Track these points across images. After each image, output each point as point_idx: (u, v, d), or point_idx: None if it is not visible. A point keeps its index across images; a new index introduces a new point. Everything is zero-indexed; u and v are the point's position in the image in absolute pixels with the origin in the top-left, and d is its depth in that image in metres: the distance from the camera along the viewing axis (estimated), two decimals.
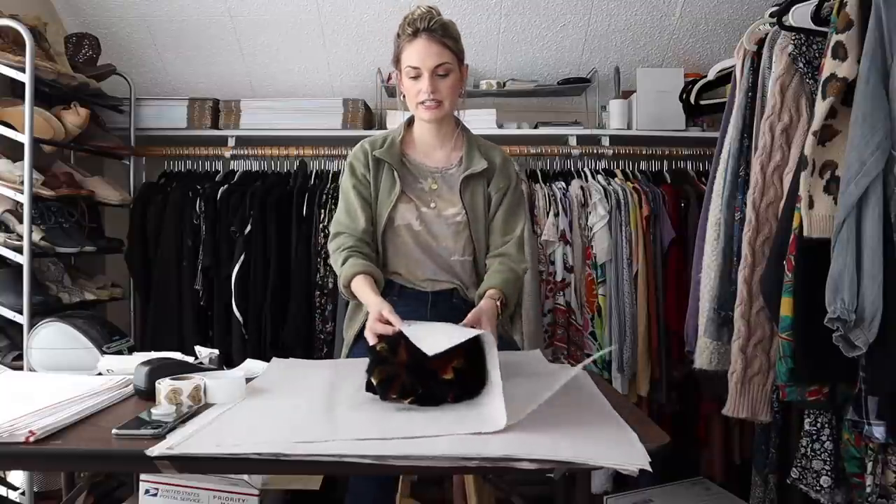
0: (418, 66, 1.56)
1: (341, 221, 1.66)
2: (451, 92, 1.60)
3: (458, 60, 1.60)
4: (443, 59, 1.56)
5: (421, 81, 1.57)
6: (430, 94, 1.57)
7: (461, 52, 1.61)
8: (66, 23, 2.79)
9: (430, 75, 1.56)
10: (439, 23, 1.57)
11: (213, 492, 1.85)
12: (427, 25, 1.55)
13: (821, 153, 1.48)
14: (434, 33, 1.55)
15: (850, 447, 1.50)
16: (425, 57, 1.55)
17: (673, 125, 2.71)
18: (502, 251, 1.65)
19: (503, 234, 1.66)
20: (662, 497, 2.23)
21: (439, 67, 1.56)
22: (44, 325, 1.54)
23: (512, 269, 1.61)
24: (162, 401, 1.10)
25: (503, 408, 1.00)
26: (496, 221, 1.67)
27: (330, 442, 0.95)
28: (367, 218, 1.64)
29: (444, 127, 1.68)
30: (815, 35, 1.67)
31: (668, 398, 2.53)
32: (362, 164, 1.67)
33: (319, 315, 2.54)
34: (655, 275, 2.52)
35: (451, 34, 1.59)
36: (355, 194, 1.66)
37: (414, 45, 1.56)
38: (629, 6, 2.79)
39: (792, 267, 1.51)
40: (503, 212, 1.67)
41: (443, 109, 1.60)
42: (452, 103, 1.62)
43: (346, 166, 1.71)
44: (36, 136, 2.14)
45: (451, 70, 1.58)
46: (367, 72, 2.91)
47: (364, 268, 1.56)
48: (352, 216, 1.65)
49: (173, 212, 2.59)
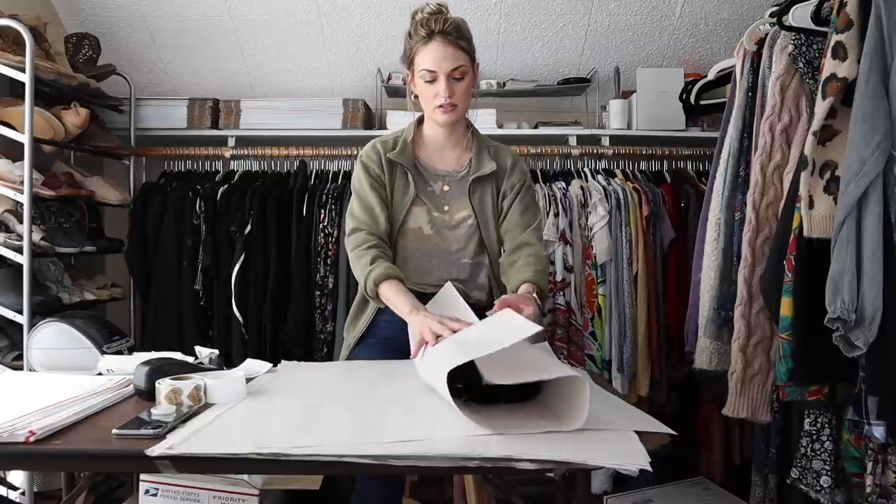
0: (434, 69, 1.54)
1: (360, 219, 1.60)
2: (466, 94, 1.59)
3: (471, 61, 1.59)
4: (459, 62, 1.55)
5: (437, 85, 1.55)
6: (448, 98, 1.55)
7: (474, 52, 1.60)
8: (66, 23, 2.79)
9: (446, 79, 1.54)
10: (454, 24, 1.55)
11: (213, 492, 1.85)
12: (442, 27, 1.53)
13: (821, 153, 1.48)
14: (449, 35, 1.53)
15: (850, 447, 1.50)
16: (441, 61, 1.53)
17: (673, 125, 2.71)
18: (522, 240, 1.61)
19: (522, 227, 1.63)
20: (662, 497, 2.23)
21: (455, 71, 1.55)
22: (44, 325, 1.54)
23: (539, 257, 1.57)
24: (162, 401, 1.10)
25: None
26: (513, 216, 1.65)
27: (330, 442, 0.95)
28: (385, 218, 1.60)
29: (457, 129, 1.68)
30: (815, 35, 1.67)
31: (668, 398, 2.53)
32: (376, 164, 1.65)
33: (319, 315, 2.54)
34: (655, 275, 2.52)
35: (465, 34, 1.58)
36: (374, 193, 1.61)
37: (429, 47, 1.54)
38: (629, 6, 2.79)
39: (792, 267, 1.51)
40: (519, 207, 1.65)
41: (458, 112, 1.60)
42: (467, 105, 1.62)
43: (358, 165, 1.67)
44: (36, 136, 2.14)
45: (466, 72, 1.57)
46: (367, 72, 2.91)
47: (395, 272, 1.51)
48: (371, 215, 1.60)
49: (173, 212, 2.59)
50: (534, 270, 1.53)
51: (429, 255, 1.63)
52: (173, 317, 2.56)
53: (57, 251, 2.25)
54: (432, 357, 1.22)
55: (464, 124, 1.70)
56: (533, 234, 1.63)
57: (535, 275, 1.52)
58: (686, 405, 2.52)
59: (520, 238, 1.62)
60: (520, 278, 1.52)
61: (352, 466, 0.91)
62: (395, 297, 1.47)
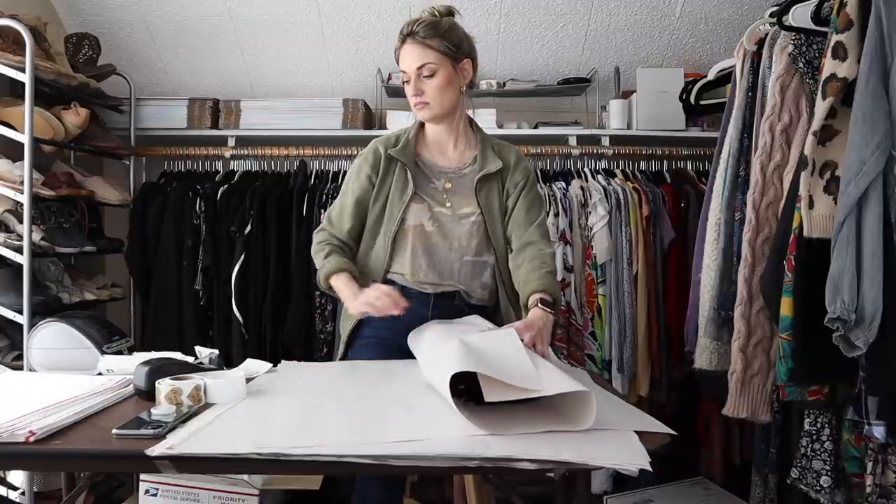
0: (405, 70, 1.60)
1: (331, 218, 1.71)
2: (438, 92, 1.59)
3: (447, 58, 1.58)
4: (424, 59, 1.57)
5: (409, 85, 1.60)
6: (414, 95, 1.59)
7: (451, 49, 1.58)
8: (66, 23, 2.79)
9: (415, 78, 1.58)
10: (424, 24, 1.57)
11: (213, 492, 1.85)
12: (411, 30, 1.58)
13: (821, 153, 1.48)
14: (415, 36, 1.57)
15: (850, 447, 1.50)
16: (409, 61, 1.58)
17: (673, 125, 2.71)
18: (527, 239, 1.62)
19: (526, 224, 1.64)
20: (662, 497, 2.23)
21: (422, 69, 1.57)
22: (44, 325, 1.54)
23: (543, 257, 1.58)
24: (162, 401, 1.10)
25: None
26: (518, 213, 1.65)
27: (330, 442, 0.95)
28: (354, 221, 1.67)
29: (453, 126, 1.68)
30: (815, 35, 1.67)
31: (668, 398, 2.53)
32: (370, 166, 1.67)
33: (319, 315, 2.54)
34: (655, 275, 2.52)
35: (439, 33, 1.57)
36: (352, 197, 1.68)
37: (402, 50, 1.60)
38: (629, 6, 2.79)
39: (792, 267, 1.51)
40: (524, 204, 1.66)
41: (433, 109, 1.60)
42: (443, 102, 1.61)
43: (354, 164, 1.72)
44: (36, 136, 2.14)
45: (435, 70, 1.57)
46: (367, 72, 2.91)
47: (345, 266, 1.61)
48: (341, 217, 1.69)
49: (173, 212, 2.59)
50: (540, 276, 1.53)
51: (430, 252, 1.63)
52: (173, 317, 2.56)
53: (57, 251, 2.25)
54: (437, 356, 1.22)
55: (462, 121, 1.69)
56: (537, 230, 1.64)
57: (542, 281, 1.51)
58: (686, 405, 2.53)
59: (525, 236, 1.63)
60: (528, 289, 1.52)
61: (352, 466, 0.91)
62: (342, 288, 1.58)
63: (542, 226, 1.66)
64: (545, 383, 1.05)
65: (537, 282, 1.51)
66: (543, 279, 1.52)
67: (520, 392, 1.02)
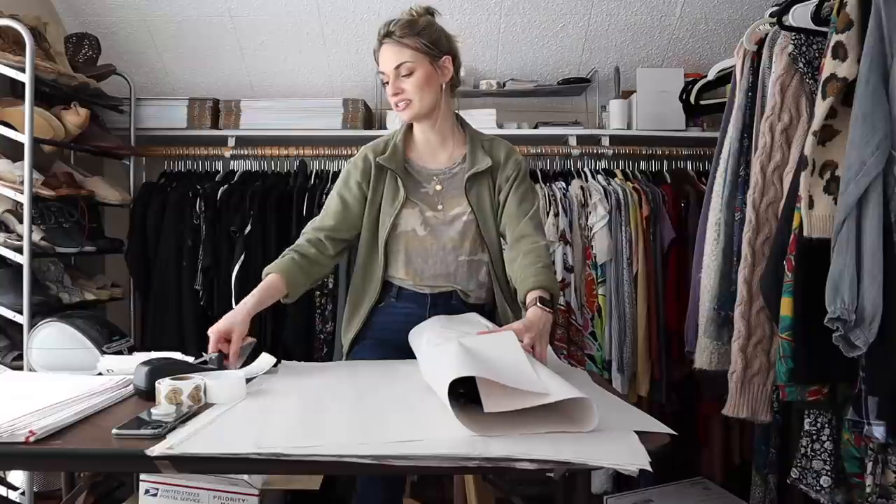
0: (384, 71, 1.59)
1: (316, 220, 1.68)
2: (419, 89, 1.57)
3: (424, 55, 1.57)
4: (401, 58, 1.56)
5: (389, 85, 1.59)
6: (394, 95, 1.58)
7: (428, 47, 1.57)
8: (66, 23, 2.79)
9: (393, 78, 1.57)
10: (401, 24, 1.57)
11: (213, 492, 1.85)
12: (387, 31, 1.57)
13: (821, 153, 1.48)
14: (392, 36, 1.57)
15: (850, 447, 1.50)
16: (386, 62, 1.58)
17: (673, 125, 2.71)
18: (520, 232, 1.59)
19: (519, 216, 1.61)
20: (662, 497, 2.23)
21: (399, 68, 1.56)
22: (44, 325, 1.54)
23: (538, 251, 1.53)
24: (162, 401, 1.10)
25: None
26: (510, 206, 1.63)
27: (330, 442, 0.95)
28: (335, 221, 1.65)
29: (441, 125, 1.66)
30: (815, 35, 1.67)
31: (668, 398, 2.53)
32: (360, 172, 1.67)
33: (319, 315, 2.54)
34: (655, 275, 2.52)
35: (415, 31, 1.56)
36: (338, 199, 1.67)
37: (380, 52, 1.60)
38: (629, 6, 2.79)
39: (792, 267, 1.51)
40: (516, 197, 1.63)
41: (414, 108, 1.59)
42: (424, 100, 1.59)
43: (344, 169, 1.72)
44: (36, 136, 2.14)
45: (413, 68, 1.56)
46: (367, 72, 2.91)
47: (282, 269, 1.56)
48: (324, 214, 1.67)
49: (173, 212, 2.59)
50: (536, 272, 1.48)
51: (424, 256, 1.63)
52: (173, 317, 2.56)
53: (57, 251, 2.25)
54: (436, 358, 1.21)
55: (449, 119, 1.68)
56: (530, 222, 1.61)
57: (539, 277, 1.47)
58: (686, 405, 2.53)
59: (518, 229, 1.60)
60: (525, 286, 1.48)
61: (352, 466, 0.91)
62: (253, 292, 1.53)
63: (536, 217, 1.63)
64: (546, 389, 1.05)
65: (534, 278, 1.47)
66: (540, 275, 1.47)
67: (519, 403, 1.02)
